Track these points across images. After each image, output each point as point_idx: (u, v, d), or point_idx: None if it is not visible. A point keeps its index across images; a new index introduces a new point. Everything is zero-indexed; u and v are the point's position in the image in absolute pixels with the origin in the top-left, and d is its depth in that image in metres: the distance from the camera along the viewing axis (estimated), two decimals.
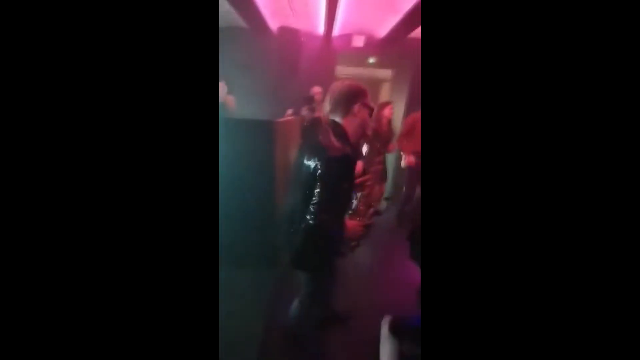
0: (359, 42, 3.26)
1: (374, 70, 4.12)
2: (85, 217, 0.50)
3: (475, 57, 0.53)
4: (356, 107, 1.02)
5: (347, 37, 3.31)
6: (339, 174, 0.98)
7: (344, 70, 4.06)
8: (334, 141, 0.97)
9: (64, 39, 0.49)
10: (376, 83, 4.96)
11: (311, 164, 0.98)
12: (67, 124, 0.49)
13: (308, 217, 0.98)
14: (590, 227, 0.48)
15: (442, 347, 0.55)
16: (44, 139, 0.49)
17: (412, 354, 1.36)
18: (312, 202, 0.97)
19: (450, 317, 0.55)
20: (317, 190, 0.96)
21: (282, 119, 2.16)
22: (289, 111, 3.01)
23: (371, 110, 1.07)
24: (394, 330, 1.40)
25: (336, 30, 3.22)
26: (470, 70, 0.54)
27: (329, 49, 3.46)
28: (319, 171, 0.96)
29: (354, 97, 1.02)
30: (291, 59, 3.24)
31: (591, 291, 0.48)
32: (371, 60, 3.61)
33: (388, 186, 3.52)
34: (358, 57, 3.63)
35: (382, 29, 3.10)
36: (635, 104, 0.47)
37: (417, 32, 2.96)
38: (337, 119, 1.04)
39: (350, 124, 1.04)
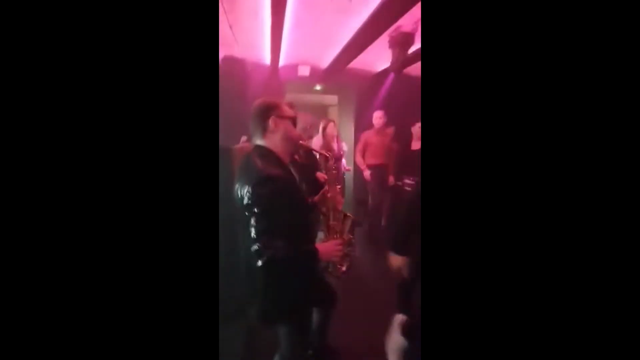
0: (304, 71, 3.44)
1: (321, 96, 4.35)
2: (85, 220, 0.50)
3: (473, 59, 0.53)
4: (271, 121, 0.95)
5: (293, 67, 3.47)
6: (271, 196, 0.85)
7: (292, 98, 4.20)
8: (258, 163, 0.89)
9: (66, 42, 0.49)
10: (324, 108, 5.25)
11: (244, 193, 0.88)
12: (67, 125, 0.50)
13: (258, 255, 0.82)
14: (589, 227, 0.48)
15: (442, 347, 0.54)
16: (45, 144, 0.49)
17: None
18: (254, 238, 0.83)
19: (449, 317, 0.54)
20: (252, 220, 0.83)
21: (238, 145, 2.08)
22: (244, 138, 2.93)
23: (292, 119, 1.00)
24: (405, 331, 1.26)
25: (282, 61, 3.35)
26: (469, 73, 0.54)
27: (277, 78, 3.56)
28: (247, 200, 0.86)
29: (265, 112, 0.97)
30: (239, 87, 3.22)
31: (590, 289, 0.48)
32: (318, 87, 3.83)
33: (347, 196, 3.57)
34: (305, 85, 3.82)
35: (325, 60, 3.35)
36: (635, 104, 0.47)
37: (356, 62, 3.28)
38: (258, 140, 0.98)
39: (271, 141, 0.97)
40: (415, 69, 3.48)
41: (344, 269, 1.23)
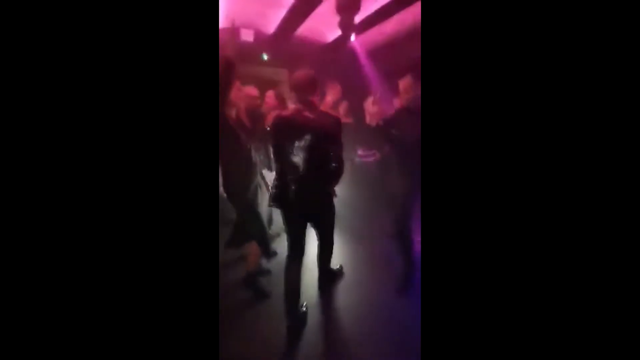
0: (248, 36, 3.10)
1: (269, 70, 4.03)
2: (84, 221, 0.51)
3: (473, 57, 0.54)
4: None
5: (233, 31, 3.09)
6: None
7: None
8: None
9: (69, 44, 0.50)
10: (274, 83, 4.94)
11: None
12: (67, 125, 0.50)
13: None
14: (588, 227, 0.48)
15: (442, 347, 0.55)
16: (49, 145, 0.50)
17: None
18: None
19: (450, 317, 0.55)
20: None
21: None
22: None
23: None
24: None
25: (220, 22, 2.96)
26: (468, 71, 0.54)
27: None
28: None
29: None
30: None
31: (589, 289, 0.48)
32: (264, 57, 3.52)
33: None
34: (250, 53, 3.46)
35: (271, 24, 3.06)
36: (634, 104, 0.46)
37: (304, 30, 3.06)
38: None
39: None
40: (365, 38, 3.40)
41: None
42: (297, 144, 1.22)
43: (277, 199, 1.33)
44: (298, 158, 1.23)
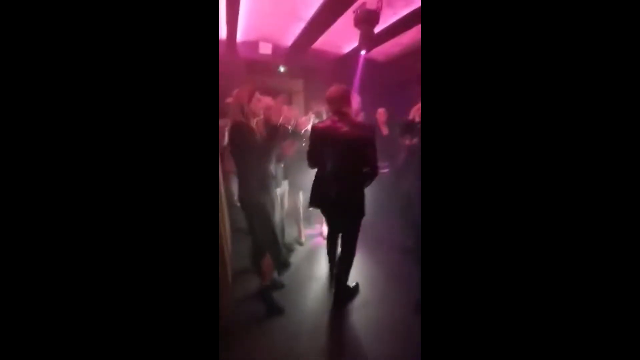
0: (266, 49, 3.17)
1: (285, 80, 4.11)
2: (84, 219, 0.51)
3: (473, 58, 0.54)
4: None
5: (252, 44, 3.18)
6: None
7: (254, 78, 3.90)
8: None
9: (71, 46, 0.50)
10: (288, 94, 5.01)
11: None
12: (67, 125, 0.50)
13: None
14: (587, 227, 0.48)
15: (442, 347, 0.55)
16: (51, 145, 0.49)
17: None
18: None
19: (449, 317, 0.55)
20: None
21: None
22: None
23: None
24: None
25: (240, 36, 3.05)
26: (469, 71, 0.54)
27: (234, 55, 3.25)
28: None
29: None
30: None
31: (589, 288, 0.48)
32: (281, 69, 3.58)
33: None
34: (267, 65, 3.55)
35: (288, 37, 3.12)
36: (633, 104, 0.46)
37: (321, 42, 3.10)
38: None
39: None
40: (380, 52, 3.40)
41: None
42: (332, 150, 1.40)
43: (315, 201, 1.52)
44: (333, 163, 1.41)
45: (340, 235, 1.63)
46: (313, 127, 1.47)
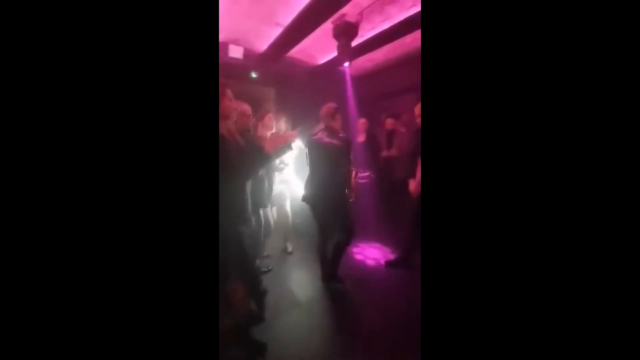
0: (237, 53, 2.96)
1: (255, 87, 3.90)
2: (84, 219, 0.51)
3: (473, 58, 0.54)
4: None
5: (222, 46, 2.95)
6: None
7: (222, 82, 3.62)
8: None
9: (72, 47, 0.50)
10: (258, 102, 4.78)
11: None
12: (67, 124, 0.50)
13: None
14: (588, 227, 0.48)
15: (442, 347, 0.55)
16: (52, 145, 0.49)
17: None
18: None
19: (450, 317, 0.55)
20: None
21: None
22: None
23: None
24: None
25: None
26: (469, 72, 0.55)
27: None
28: None
29: None
30: None
31: (589, 289, 0.48)
32: (253, 75, 3.39)
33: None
34: (237, 70, 3.32)
35: (262, 43, 2.97)
36: (632, 104, 0.46)
37: (297, 50, 3.01)
38: None
39: None
40: (359, 63, 3.44)
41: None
42: (318, 156, 1.75)
43: (307, 198, 1.84)
44: (320, 167, 1.76)
45: (329, 231, 1.87)
46: (311, 138, 1.79)
